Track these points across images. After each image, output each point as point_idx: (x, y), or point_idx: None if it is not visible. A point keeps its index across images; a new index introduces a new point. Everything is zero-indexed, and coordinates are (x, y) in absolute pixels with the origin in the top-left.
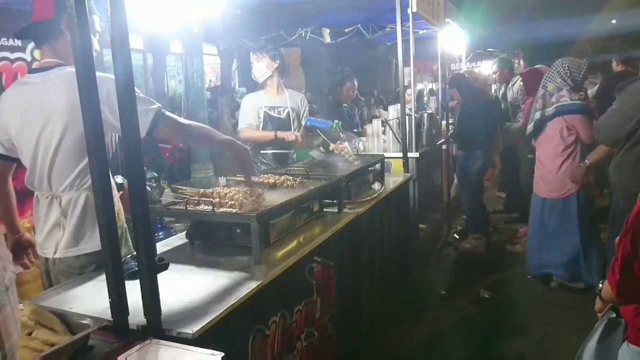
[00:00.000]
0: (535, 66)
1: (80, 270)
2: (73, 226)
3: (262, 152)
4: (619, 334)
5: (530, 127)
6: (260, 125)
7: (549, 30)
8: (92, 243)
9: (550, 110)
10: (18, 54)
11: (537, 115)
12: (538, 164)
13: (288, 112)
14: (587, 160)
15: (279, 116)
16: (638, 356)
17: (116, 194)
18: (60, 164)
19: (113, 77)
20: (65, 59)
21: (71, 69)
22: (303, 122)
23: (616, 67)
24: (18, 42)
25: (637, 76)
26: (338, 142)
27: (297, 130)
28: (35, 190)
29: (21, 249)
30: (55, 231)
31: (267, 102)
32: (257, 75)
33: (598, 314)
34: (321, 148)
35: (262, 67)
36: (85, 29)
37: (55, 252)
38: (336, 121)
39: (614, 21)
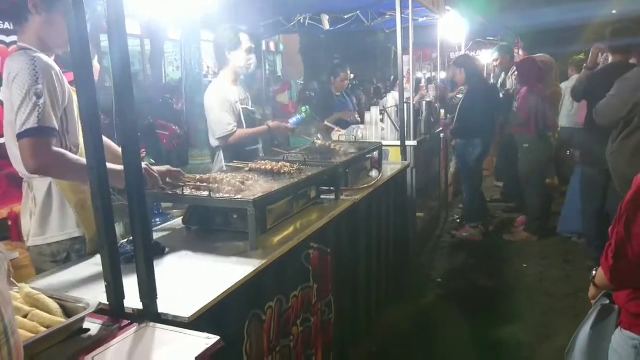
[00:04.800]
0: (532, 55)
1: (51, 257)
2: (39, 214)
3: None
4: (612, 320)
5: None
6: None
7: (549, 19)
8: (59, 231)
9: None
10: (13, 37)
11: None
12: None
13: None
14: None
15: (251, 109)
16: (631, 341)
17: None
18: (14, 151)
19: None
20: (32, 42)
21: (24, 54)
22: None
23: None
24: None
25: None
26: (336, 129)
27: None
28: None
29: None
30: (27, 218)
31: (237, 95)
32: (249, 64)
33: (591, 301)
34: (319, 135)
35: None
36: (80, 10)
37: (27, 240)
38: (304, 108)
39: (614, 11)
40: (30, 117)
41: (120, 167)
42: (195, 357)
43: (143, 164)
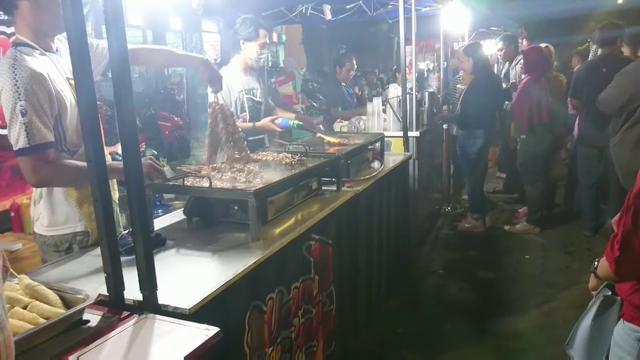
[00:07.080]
0: (539, 44)
1: (54, 247)
2: (43, 206)
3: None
4: (614, 312)
5: None
6: (242, 115)
7: (553, 9)
8: (63, 225)
9: None
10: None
11: None
12: None
13: (260, 92)
14: None
15: (259, 100)
16: (634, 334)
17: None
18: None
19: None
20: (26, 33)
21: (8, 62)
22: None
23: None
24: None
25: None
26: (337, 120)
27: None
28: None
29: None
30: (33, 206)
31: (243, 84)
32: (260, 59)
33: (592, 292)
34: (320, 126)
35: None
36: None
37: (34, 225)
38: (296, 122)
39: (620, 1)
40: (20, 137)
41: (120, 164)
42: (195, 349)
43: (146, 158)
